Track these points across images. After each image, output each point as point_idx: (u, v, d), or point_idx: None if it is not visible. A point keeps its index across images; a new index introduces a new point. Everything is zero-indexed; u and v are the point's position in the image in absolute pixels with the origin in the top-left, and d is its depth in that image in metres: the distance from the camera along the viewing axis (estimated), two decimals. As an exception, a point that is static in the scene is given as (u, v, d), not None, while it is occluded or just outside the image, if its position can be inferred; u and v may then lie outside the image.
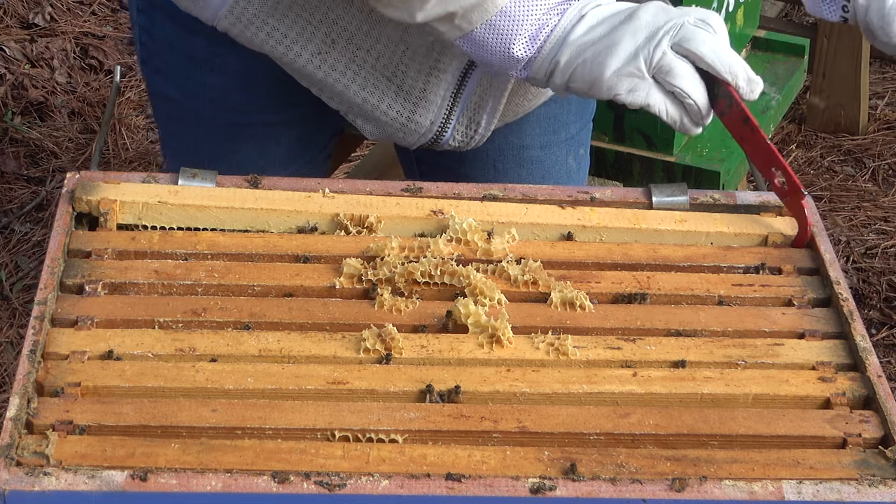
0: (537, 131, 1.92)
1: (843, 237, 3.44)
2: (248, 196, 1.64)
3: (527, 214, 1.66)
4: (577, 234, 1.65)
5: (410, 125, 1.79)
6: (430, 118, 1.78)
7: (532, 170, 1.95)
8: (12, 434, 1.30)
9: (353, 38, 1.73)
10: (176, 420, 1.34)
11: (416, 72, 1.74)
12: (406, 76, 1.75)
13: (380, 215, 1.63)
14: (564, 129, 1.95)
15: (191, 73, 1.88)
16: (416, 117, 1.78)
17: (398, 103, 1.77)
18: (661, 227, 1.66)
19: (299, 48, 1.74)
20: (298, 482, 1.28)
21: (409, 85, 1.75)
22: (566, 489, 1.29)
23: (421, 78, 1.74)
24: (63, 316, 1.47)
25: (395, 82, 1.76)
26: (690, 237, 1.66)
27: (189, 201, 1.62)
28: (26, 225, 3.42)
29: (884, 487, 1.31)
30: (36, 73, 3.85)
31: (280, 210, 1.63)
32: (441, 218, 1.64)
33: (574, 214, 1.67)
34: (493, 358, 1.45)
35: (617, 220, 1.66)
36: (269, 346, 1.45)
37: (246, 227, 1.63)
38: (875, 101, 3.95)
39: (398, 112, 1.78)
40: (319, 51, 1.74)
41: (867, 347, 1.48)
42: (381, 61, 1.74)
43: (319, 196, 1.65)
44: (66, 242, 1.57)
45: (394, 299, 1.52)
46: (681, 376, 1.44)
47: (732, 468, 1.33)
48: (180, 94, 1.92)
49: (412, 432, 1.35)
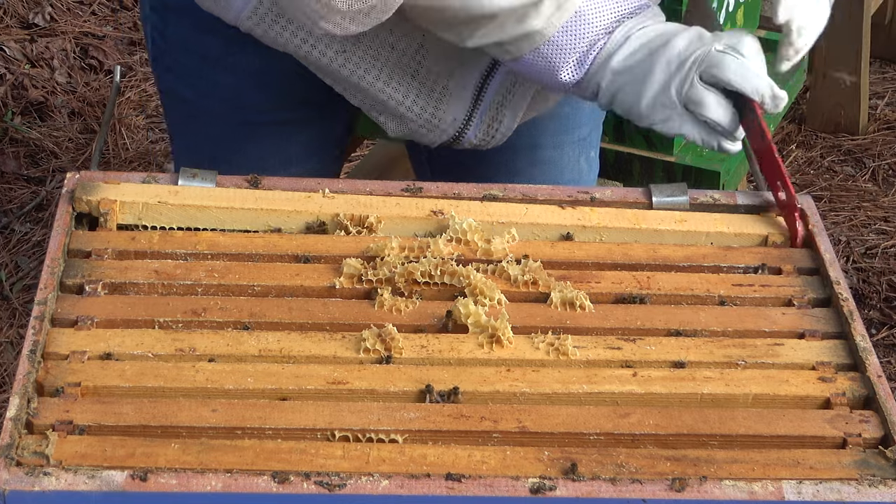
0: (550, 131, 1.92)
1: (843, 237, 3.44)
2: (249, 196, 1.64)
3: (527, 214, 1.66)
4: (577, 234, 1.65)
5: (434, 121, 1.79)
6: (452, 115, 1.78)
7: (545, 170, 1.96)
8: (12, 434, 1.30)
9: (378, 36, 1.73)
10: (176, 420, 1.34)
11: (439, 69, 1.75)
12: (429, 73, 1.76)
13: (380, 215, 1.63)
14: (577, 129, 1.95)
15: (203, 72, 1.88)
16: (440, 114, 1.78)
17: (422, 99, 1.77)
18: (661, 227, 1.66)
19: (323, 46, 1.74)
20: (298, 482, 1.28)
21: (433, 81, 1.76)
22: (566, 489, 1.29)
23: (444, 74, 1.75)
24: (63, 316, 1.47)
25: (418, 79, 1.76)
26: (690, 237, 1.66)
27: (189, 201, 1.62)
28: (26, 225, 3.42)
29: (884, 487, 1.31)
30: (36, 73, 3.86)
31: (280, 210, 1.63)
32: (441, 218, 1.64)
33: (574, 214, 1.67)
34: (493, 358, 1.45)
35: (617, 221, 1.66)
36: (269, 346, 1.45)
37: (246, 228, 1.63)
38: (875, 101, 3.95)
39: (422, 108, 1.78)
40: (344, 49, 1.75)
41: (867, 347, 1.48)
42: (404, 59, 1.75)
43: (319, 196, 1.65)
44: (66, 242, 1.57)
45: (394, 299, 1.52)
46: (681, 376, 1.44)
47: (732, 468, 1.33)
48: (193, 93, 1.92)
49: (412, 432, 1.35)
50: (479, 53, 1.71)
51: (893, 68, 4.14)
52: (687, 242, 1.66)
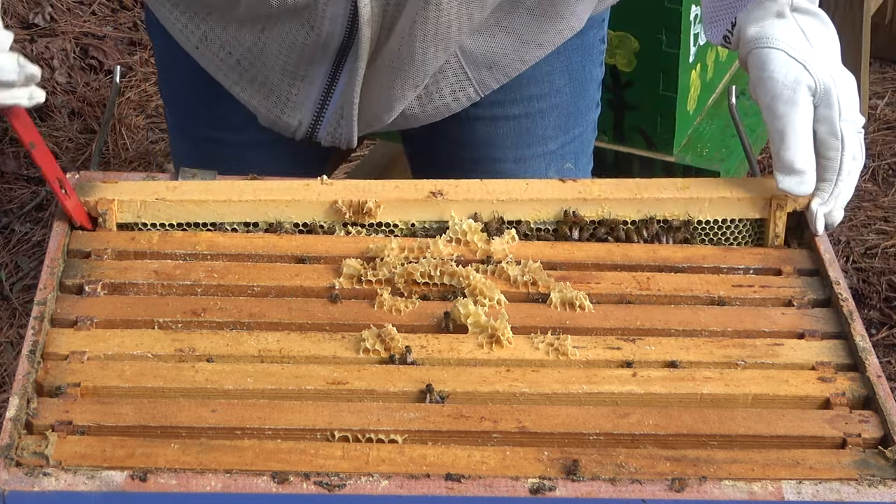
0: (508, 145, 1.91)
1: (843, 237, 3.44)
2: (246, 188, 1.64)
3: (527, 190, 1.65)
4: (580, 208, 1.64)
5: (280, 123, 1.80)
6: (298, 118, 1.78)
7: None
8: (12, 434, 1.30)
9: (219, 38, 1.74)
10: (175, 420, 1.34)
11: (280, 77, 1.75)
12: (268, 80, 1.76)
13: (378, 199, 1.63)
14: (540, 143, 1.92)
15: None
16: (285, 117, 1.79)
17: (269, 101, 1.78)
18: (662, 195, 1.65)
19: (185, 39, 1.76)
20: (298, 482, 1.28)
21: (276, 86, 1.76)
22: (566, 489, 1.29)
23: (286, 81, 1.75)
24: (63, 316, 1.47)
25: (258, 81, 1.76)
26: (693, 204, 1.65)
27: (187, 197, 1.62)
28: (26, 225, 3.42)
29: (883, 487, 1.31)
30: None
31: (279, 200, 1.62)
32: (441, 199, 1.63)
33: (575, 188, 1.66)
34: (493, 358, 1.45)
35: (618, 192, 1.65)
36: (269, 346, 1.45)
37: (245, 220, 1.63)
38: (875, 101, 3.95)
39: (268, 110, 1.79)
40: (197, 46, 1.76)
41: (867, 347, 1.48)
42: (242, 64, 1.76)
43: (317, 184, 1.64)
44: (66, 242, 1.57)
45: (393, 299, 1.52)
46: (680, 376, 1.44)
47: (732, 468, 1.33)
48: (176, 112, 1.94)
49: (412, 432, 1.35)
50: (319, 63, 1.71)
51: (893, 68, 4.14)
52: (690, 210, 1.64)
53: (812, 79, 1.58)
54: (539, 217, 1.65)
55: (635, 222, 1.65)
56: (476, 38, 1.72)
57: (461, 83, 1.78)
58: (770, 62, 1.60)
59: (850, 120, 1.59)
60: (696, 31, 2.80)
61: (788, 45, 1.60)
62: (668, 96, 2.77)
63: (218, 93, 1.81)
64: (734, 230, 1.67)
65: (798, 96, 1.58)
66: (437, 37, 1.64)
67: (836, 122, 1.59)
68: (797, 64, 1.59)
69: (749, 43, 1.63)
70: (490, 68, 1.77)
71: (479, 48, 1.74)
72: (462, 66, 1.76)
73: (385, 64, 1.68)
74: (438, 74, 1.75)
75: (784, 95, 1.58)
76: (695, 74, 2.87)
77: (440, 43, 1.65)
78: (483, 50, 1.74)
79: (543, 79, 1.87)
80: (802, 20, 1.62)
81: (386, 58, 1.67)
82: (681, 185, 1.66)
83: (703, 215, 1.65)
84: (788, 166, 1.59)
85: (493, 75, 1.79)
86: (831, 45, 1.63)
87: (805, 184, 1.60)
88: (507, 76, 1.80)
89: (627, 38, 2.75)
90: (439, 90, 1.77)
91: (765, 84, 1.60)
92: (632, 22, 2.63)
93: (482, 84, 1.79)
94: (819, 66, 1.59)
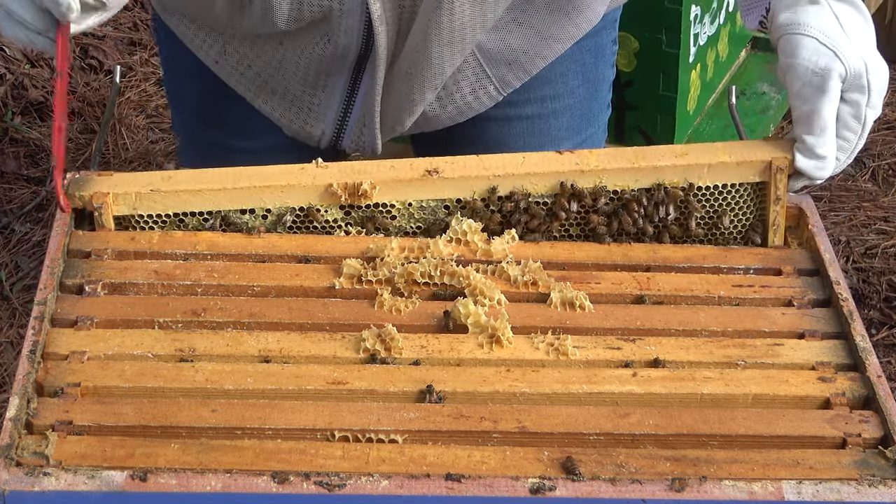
0: (520, 145, 1.91)
1: (843, 237, 3.44)
2: (241, 175, 1.63)
3: (524, 164, 1.64)
4: (577, 180, 1.64)
5: (304, 133, 1.82)
6: (321, 128, 1.80)
7: None
8: (12, 434, 1.30)
9: (237, 51, 1.76)
10: (176, 420, 1.34)
11: (300, 89, 1.77)
12: (288, 92, 1.78)
13: (374, 181, 1.62)
14: (552, 144, 1.91)
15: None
16: (308, 127, 1.81)
17: (291, 112, 1.80)
18: (661, 163, 1.64)
19: (203, 53, 1.79)
20: (298, 482, 1.28)
21: (297, 97, 1.78)
22: (566, 489, 1.29)
23: (307, 93, 1.77)
24: (63, 316, 1.47)
25: (279, 94, 1.78)
26: (692, 171, 1.64)
27: (182, 187, 1.61)
28: (26, 225, 3.42)
29: (883, 487, 1.31)
30: (36, 73, 3.85)
31: (274, 186, 1.61)
32: (436, 178, 1.62)
33: (572, 159, 1.64)
34: (493, 358, 1.45)
35: (616, 161, 1.65)
36: (269, 346, 1.45)
37: (242, 207, 1.62)
38: (875, 101, 3.94)
39: (290, 121, 1.81)
40: (217, 60, 1.78)
41: (867, 347, 1.48)
42: (262, 76, 1.77)
43: (312, 167, 1.64)
44: (66, 242, 1.57)
45: (393, 299, 1.52)
46: (680, 376, 1.44)
47: (732, 468, 1.33)
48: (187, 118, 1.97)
49: (412, 432, 1.35)
50: (339, 74, 1.73)
51: (894, 68, 4.12)
52: (689, 176, 1.64)
53: (843, 66, 1.59)
54: (536, 191, 1.64)
55: (635, 192, 1.64)
56: (493, 35, 1.73)
57: (480, 81, 1.78)
58: (800, 49, 1.60)
59: (875, 107, 1.61)
60: (696, 31, 2.81)
61: (821, 31, 1.61)
62: (668, 96, 2.77)
63: (231, 100, 1.82)
64: (734, 195, 1.66)
65: (828, 84, 1.59)
66: (452, 39, 1.65)
67: (862, 106, 1.60)
68: (828, 51, 1.59)
69: (780, 28, 1.64)
70: (509, 65, 1.78)
71: (497, 45, 1.75)
72: (480, 64, 1.76)
73: (403, 69, 1.69)
74: (457, 74, 1.76)
75: (814, 82, 1.59)
76: (695, 74, 2.87)
77: (455, 45, 1.66)
78: (501, 47, 1.75)
79: (558, 79, 1.87)
80: (837, 7, 1.62)
81: (403, 64, 1.69)
82: (679, 152, 1.65)
83: (702, 181, 1.65)
84: (810, 149, 1.61)
85: (513, 72, 1.79)
86: (866, 33, 1.63)
87: (824, 169, 1.62)
88: (527, 73, 1.81)
89: (627, 38, 2.75)
90: (459, 89, 1.78)
91: (795, 70, 1.60)
92: (632, 22, 2.63)
93: (502, 81, 1.80)
94: (851, 53, 1.59)
